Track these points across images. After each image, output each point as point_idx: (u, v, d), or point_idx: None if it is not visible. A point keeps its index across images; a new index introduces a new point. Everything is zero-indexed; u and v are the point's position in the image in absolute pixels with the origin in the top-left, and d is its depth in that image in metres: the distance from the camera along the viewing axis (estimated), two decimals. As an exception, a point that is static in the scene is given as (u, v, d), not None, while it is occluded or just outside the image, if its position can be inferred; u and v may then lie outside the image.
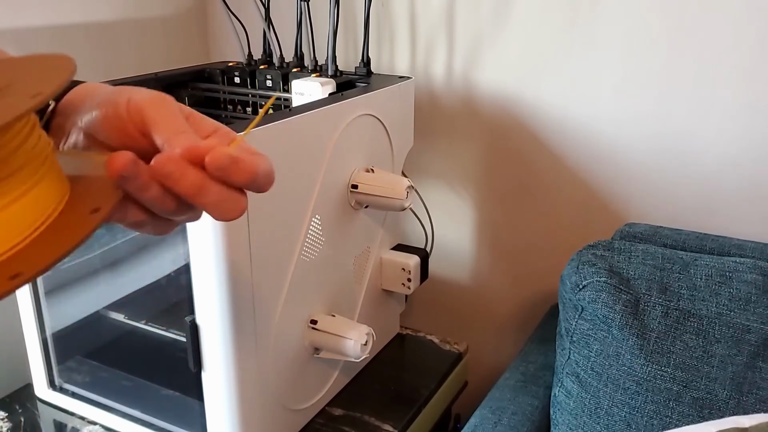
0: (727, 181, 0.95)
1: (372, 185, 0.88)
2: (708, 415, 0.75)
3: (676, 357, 0.77)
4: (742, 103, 0.91)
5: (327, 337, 0.86)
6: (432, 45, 1.10)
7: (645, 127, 0.97)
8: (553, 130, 1.04)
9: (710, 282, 0.79)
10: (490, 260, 1.17)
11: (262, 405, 0.81)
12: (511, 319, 1.18)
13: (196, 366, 0.77)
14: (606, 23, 0.96)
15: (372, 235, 0.98)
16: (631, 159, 1.00)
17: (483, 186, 1.13)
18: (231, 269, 0.72)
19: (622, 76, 0.97)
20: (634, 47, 0.95)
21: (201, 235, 0.70)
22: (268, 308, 0.79)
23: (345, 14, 1.13)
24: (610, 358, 0.79)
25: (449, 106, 1.11)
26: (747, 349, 0.76)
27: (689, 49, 0.92)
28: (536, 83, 1.03)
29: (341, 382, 0.99)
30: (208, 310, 0.74)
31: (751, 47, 0.88)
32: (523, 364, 0.96)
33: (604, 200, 1.04)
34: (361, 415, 0.94)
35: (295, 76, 0.97)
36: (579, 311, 0.83)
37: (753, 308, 0.77)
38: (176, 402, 0.86)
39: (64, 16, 1.05)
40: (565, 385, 0.84)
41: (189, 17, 1.26)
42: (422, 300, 1.25)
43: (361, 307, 0.98)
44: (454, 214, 1.17)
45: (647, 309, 0.79)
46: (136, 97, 0.38)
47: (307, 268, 0.84)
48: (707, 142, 0.94)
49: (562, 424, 0.83)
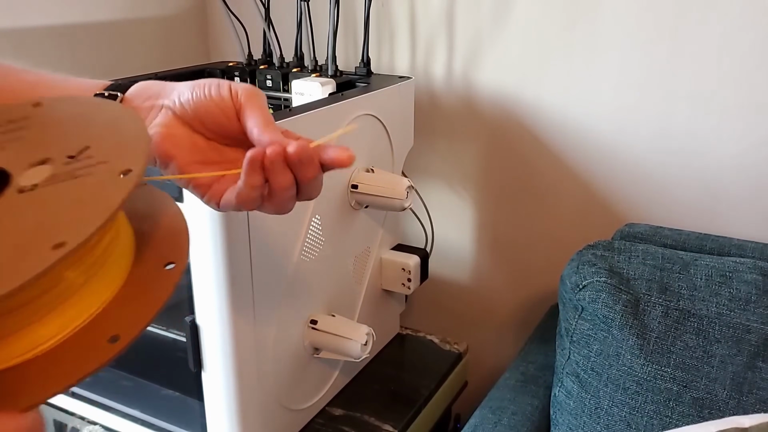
0: (727, 182, 0.95)
1: (372, 185, 0.88)
2: (708, 415, 0.75)
3: (676, 357, 0.77)
4: (743, 103, 0.91)
5: (327, 337, 0.86)
6: (432, 45, 1.10)
7: (645, 127, 0.97)
8: (553, 130, 1.04)
9: (710, 282, 0.79)
10: (490, 260, 1.17)
11: (262, 405, 0.81)
12: (511, 319, 1.18)
13: (196, 366, 0.77)
14: (606, 23, 0.96)
15: (372, 235, 0.98)
16: (631, 159, 1.00)
17: (483, 186, 1.13)
18: (231, 269, 0.72)
19: (622, 76, 0.97)
20: (634, 47, 0.95)
21: (201, 235, 0.70)
22: (268, 308, 0.79)
23: (345, 14, 1.13)
24: (610, 358, 0.79)
25: (449, 106, 1.11)
26: (747, 349, 0.76)
27: (689, 49, 0.92)
28: (536, 83, 1.03)
29: (341, 382, 0.99)
30: (208, 310, 0.74)
31: (751, 47, 0.88)
32: (523, 364, 0.96)
33: (604, 200, 1.04)
34: (361, 415, 0.94)
35: (295, 76, 0.97)
36: (579, 311, 0.83)
37: (753, 308, 0.77)
38: (176, 402, 0.86)
39: (64, 16, 1.05)
40: (565, 385, 0.84)
41: (189, 17, 1.26)
42: (422, 300, 1.25)
43: (361, 307, 0.98)
44: (454, 214, 1.17)
45: (647, 309, 0.79)
46: (235, 85, 0.45)
47: (307, 268, 0.84)
48: (707, 142, 0.94)
49: (562, 424, 0.83)
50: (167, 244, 0.33)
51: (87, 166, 0.29)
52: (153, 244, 0.33)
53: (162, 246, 0.33)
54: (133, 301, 0.30)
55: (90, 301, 0.29)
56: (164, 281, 0.31)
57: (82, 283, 0.28)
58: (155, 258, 0.32)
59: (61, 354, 0.28)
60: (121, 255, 0.31)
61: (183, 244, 0.33)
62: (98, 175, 0.28)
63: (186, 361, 0.77)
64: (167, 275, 0.31)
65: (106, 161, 0.29)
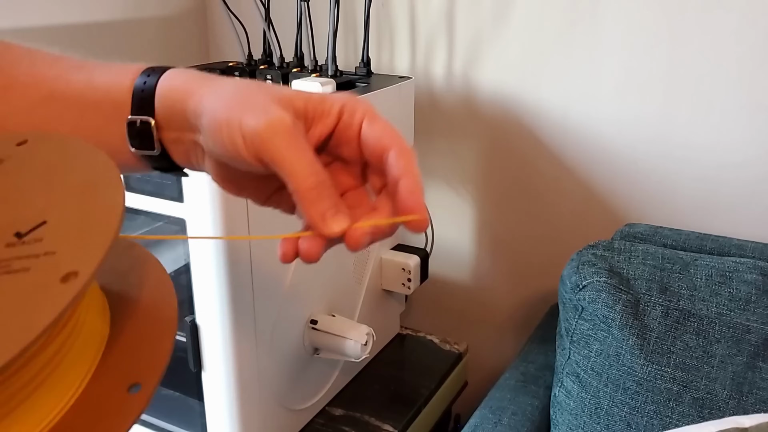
0: (727, 182, 0.95)
1: None
2: (708, 415, 0.75)
3: (676, 357, 0.77)
4: (743, 104, 0.91)
5: (327, 337, 0.86)
6: (432, 45, 1.10)
7: (645, 127, 0.97)
8: (553, 130, 1.04)
9: (710, 282, 0.79)
10: (490, 260, 1.17)
11: (262, 405, 0.81)
12: (511, 319, 1.18)
13: (196, 366, 0.77)
14: (606, 23, 0.96)
15: (372, 235, 0.98)
16: (631, 159, 1.00)
17: (483, 186, 1.13)
18: (231, 269, 0.72)
19: (622, 75, 0.97)
20: (634, 47, 0.95)
21: (201, 234, 0.70)
22: (268, 308, 0.79)
23: (345, 14, 1.13)
24: (610, 358, 0.79)
25: (449, 106, 1.11)
26: (747, 349, 0.76)
27: (690, 49, 0.92)
28: (536, 83, 1.03)
29: (341, 382, 0.99)
30: (208, 310, 0.74)
31: (751, 47, 0.88)
32: (523, 364, 0.96)
33: (604, 200, 1.04)
34: (361, 415, 0.94)
35: (295, 76, 0.97)
36: (579, 311, 0.83)
37: (753, 308, 0.77)
38: (176, 402, 0.86)
39: (64, 16, 1.05)
40: (565, 385, 0.84)
41: (189, 17, 1.26)
42: (422, 300, 1.25)
43: (361, 307, 0.98)
44: (454, 214, 1.17)
45: (647, 309, 0.79)
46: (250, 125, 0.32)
47: (307, 268, 0.84)
48: (707, 142, 0.94)
49: (562, 424, 0.83)
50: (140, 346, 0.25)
51: (29, 255, 0.22)
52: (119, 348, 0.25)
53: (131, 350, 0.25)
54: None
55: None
56: (119, 413, 0.23)
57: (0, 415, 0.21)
58: (115, 375, 0.24)
59: None
60: (66, 371, 0.23)
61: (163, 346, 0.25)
62: (35, 274, 0.22)
63: (186, 361, 0.77)
64: (128, 402, 0.23)
65: (54, 251, 0.22)
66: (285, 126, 0.32)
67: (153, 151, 0.38)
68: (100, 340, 0.25)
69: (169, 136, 0.38)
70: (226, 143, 0.33)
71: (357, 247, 0.34)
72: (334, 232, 0.33)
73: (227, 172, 0.37)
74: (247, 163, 0.33)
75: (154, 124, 0.37)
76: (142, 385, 0.23)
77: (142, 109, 0.37)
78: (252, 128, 0.32)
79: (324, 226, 0.33)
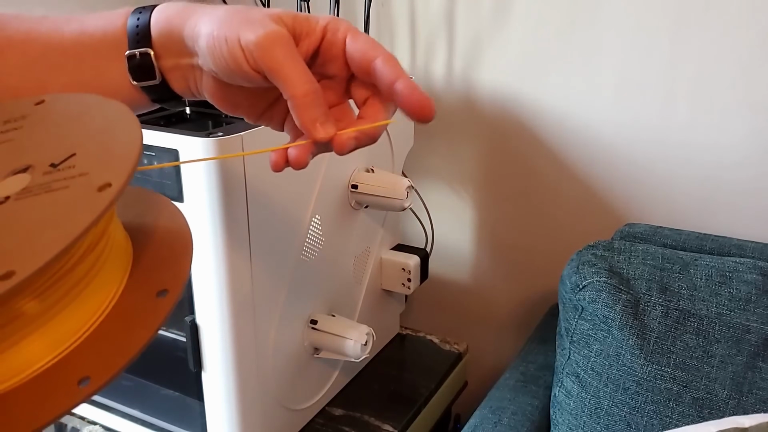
0: (727, 181, 0.95)
1: (372, 185, 0.88)
2: (708, 415, 0.75)
3: (676, 357, 0.77)
4: (742, 104, 0.91)
5: (327, 337, 0.86)
6: (432, 45, 1.10)
7: (645, 126, 0.97)
8: (553, 130, 1.04)
9: (710, 282, 0.79)
10: (490, 260, 1.17)
11: (262, 405, 0.81)
12: (511, 319, 1.18)
13: (196, 366, 0.77)
14: (606, 23, 0.96)
15: (372, 235, 0.98)
16: (631, 159, 1.00)
17: (483, 186, 1.13)
18: (231, 269, 0.72)
19: (622, 75, 0.97)
20: (634, 47, 0.95)
21: (201, 234, 0.70)
22: (268, 308, 0.79)
23: (345, 14, 1.13)
24: (610, 358, 0.79)
25: (449, 106, 1.11)
26: (747, 349, 0.76)
27: (689, 49, 0.92)
28: (536, 83, 1.03)
29: (341, 382, 0.99)
30: (208, 310, 0.74)
31: (751, 48, 0.88)
32: (523, 364, 0.96)
33: (604, 200, 1.04)
34: (361, 415, 0.94)
35: (295, 76, 0.97)
36: (579, 311, 0.83)
37: (753, 308, 0.77)
38: (176, 402, 0.86)
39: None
40: (565, 385, 0.84)
41: (189, 17, 1.26)
42: (422, 300, 1.25)
43: (361, 307, 0.98)
44: (454, 214, 1.17)
45: (647, 309, 0.79)
46: (249, 38, 0.36)
47: (307, 268, 0.84)
48: (707, 142, 0.94)
49: (562, 424, 0.83)
50: (162, 264, 0.29)
51: (66, 177, 0.26)
52: (144, 264, 0.29)
53: (155, 266, 0.29)
54: (110, 338, 0.26)
55: (56, 338, 0.25)
56: (151, 313, 0.26)
57: (48, 317, 0.25)
58: (145, 283, 0.28)
59: (15, 399, 0.24)
60: (103, 281, 0.27)
61: (182, 263, 0.29)
62: (74, 189, 0.25)
63: (186, 361, 0.77)
64: (157, 306, 0.27)
65: (87, 172, 0.26)
66: (283, 37, 0.36)
67: (154, 80, 0.41)
68: (127, 256, 0.29)
69: (167, 64, 0.41)
70: (227, 58, 0.37)
71: (343, 150, 0.38)
72: (324, 136, 0.37)
73: (224, 91, 0.41)
74: (246, 76, 0.37)
75: (153, 54, 0.40)
76: (168, 291, 0.27)
77: (139, 43, 0.40)
78: (252, 41, 0.36)
79: (315, 132, 0.37)
